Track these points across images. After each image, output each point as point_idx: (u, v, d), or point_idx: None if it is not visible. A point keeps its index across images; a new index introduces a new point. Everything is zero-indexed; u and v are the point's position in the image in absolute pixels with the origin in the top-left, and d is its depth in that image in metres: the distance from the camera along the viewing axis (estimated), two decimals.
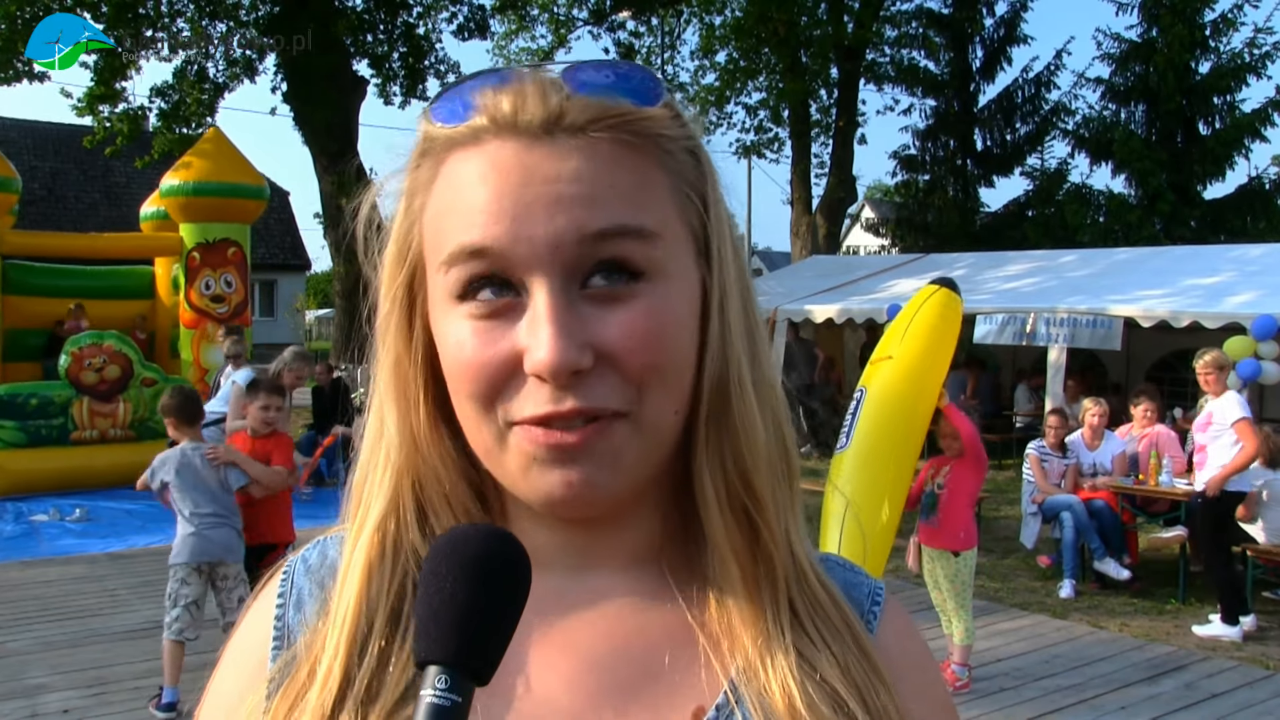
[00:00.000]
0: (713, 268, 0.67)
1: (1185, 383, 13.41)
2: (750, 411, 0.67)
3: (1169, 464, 7.45)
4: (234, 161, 12.70)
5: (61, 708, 5.02)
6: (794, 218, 20.60)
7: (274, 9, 15.96)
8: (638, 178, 0.63)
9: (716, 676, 0.66)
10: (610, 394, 0.61)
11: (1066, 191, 20.38)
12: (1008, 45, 21.67)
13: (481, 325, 0.62)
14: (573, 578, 0.69)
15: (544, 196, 0.61)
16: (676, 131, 0.66)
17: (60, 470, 10.30)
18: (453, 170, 0.64)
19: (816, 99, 21.15)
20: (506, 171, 0.62)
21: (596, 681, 0.66)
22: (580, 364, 0.60)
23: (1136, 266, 12.49)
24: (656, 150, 0.65)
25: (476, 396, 0.63)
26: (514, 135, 0.63)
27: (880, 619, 0.73)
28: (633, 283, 0.62)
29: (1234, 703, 5.28)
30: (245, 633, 0.73)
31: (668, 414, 0.64)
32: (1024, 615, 6.77)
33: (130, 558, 8.09)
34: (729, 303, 0.67)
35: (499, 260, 0.61)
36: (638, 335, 0.61)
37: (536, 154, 0.62)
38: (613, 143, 0.63)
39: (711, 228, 0.67)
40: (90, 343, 10.75)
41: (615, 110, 0.63)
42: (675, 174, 0.66)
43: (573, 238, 0.60)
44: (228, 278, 12.37)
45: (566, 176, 0.61)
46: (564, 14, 21.00)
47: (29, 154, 27.00)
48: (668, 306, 0.63)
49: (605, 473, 0.62)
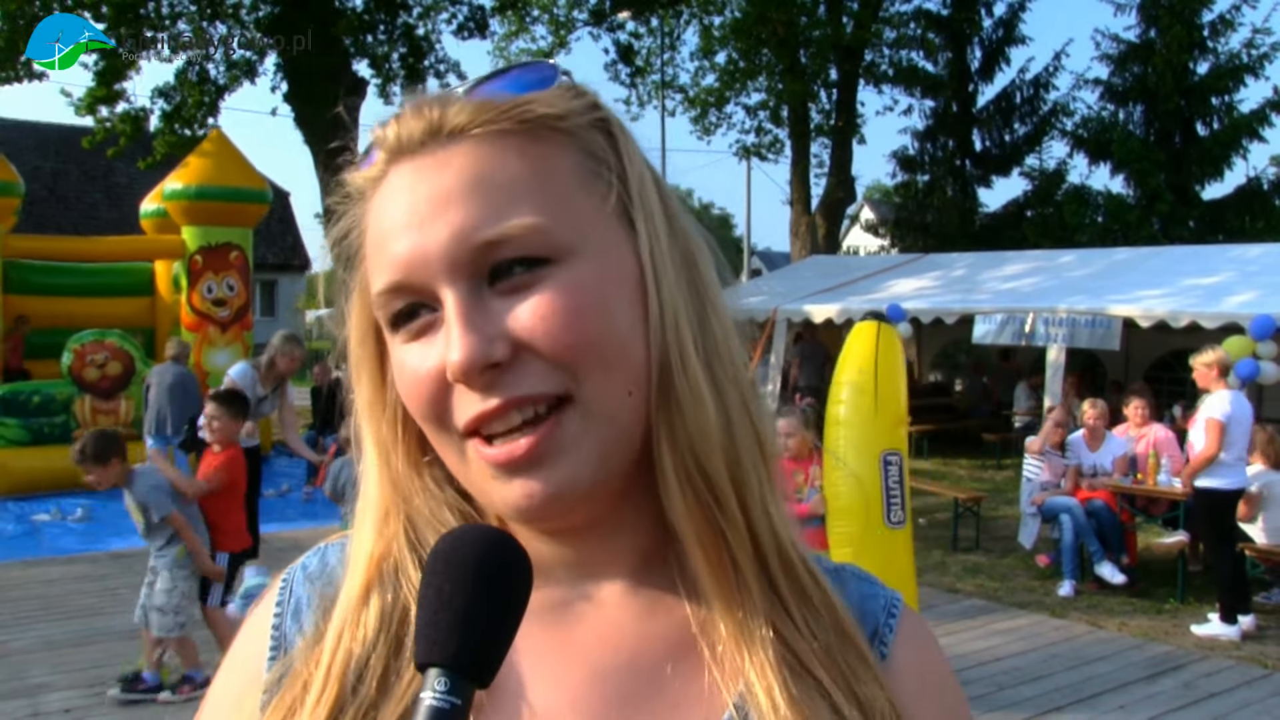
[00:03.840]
0: (640, 235, 0.64)
1: (1184, 383, 13.43)
2: (696, 386, 0.63)
3: (1167, 464, 7.46)
4: (236, 165, 12.70)
5: (63, 707, 5.04)
6: (794, 218, 20.61)
7: (274, 10, 15.94)
8: (527, 166, 0.62)
9: (719, 688, 0.64)
10: (538, 380, 0.60)
11: (1065, 192, 20.40)
12: (1006, 46, 21.69)
13: (414, 347, 0.63)
14: (575, 587, 0.68)
15: (430, 211, 0.61)
16: (574, 107, 0.65)
17: (62, 469, 10.28)
18: (374, 208, 0.65)
19: (816, 100, 21.14)
20: (402, 191, 0.62)
21: (601, 695, 0.65)
22: (491, 355, 0.59)
23: (1135, 266, 12.52)
24: (550, 133, 0.63)
25: (426, 417, 0.63)
26: (403, 157, 0.63)
27: (896, 632, 0.71)
28: (539, 268, 0.60)
29: (1232, 702, 5.29)
30: (244, 639, 0.73)
31: (618, 395, 0.62)
32: (1022, 615, 6.79)
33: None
34: (662, 274, 0.64)
35: (409, 289, 0.62)
36: (551, 316, 0.60)
37: (424, 167, 0.62)
38: (496, 135, 0.62)
39: (633, 201, 0.65)
40: (93, 339, 10.76)
41: (493, 104, 0.62)
42: (577, 151, 0.64)
43: (464, 249, 0.60)
44: (230, 281, 12.38)
45: (449, 184, 0.61)
46: (564, 15, 21.01)
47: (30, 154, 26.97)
48: (581, 284, 0.61)
49: (566, 470, 0.61)
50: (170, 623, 5.06)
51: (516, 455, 0.60)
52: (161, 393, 9.00)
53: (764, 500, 0.66)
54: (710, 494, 0.64)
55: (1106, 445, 7.78)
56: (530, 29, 21.31)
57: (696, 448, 0.63)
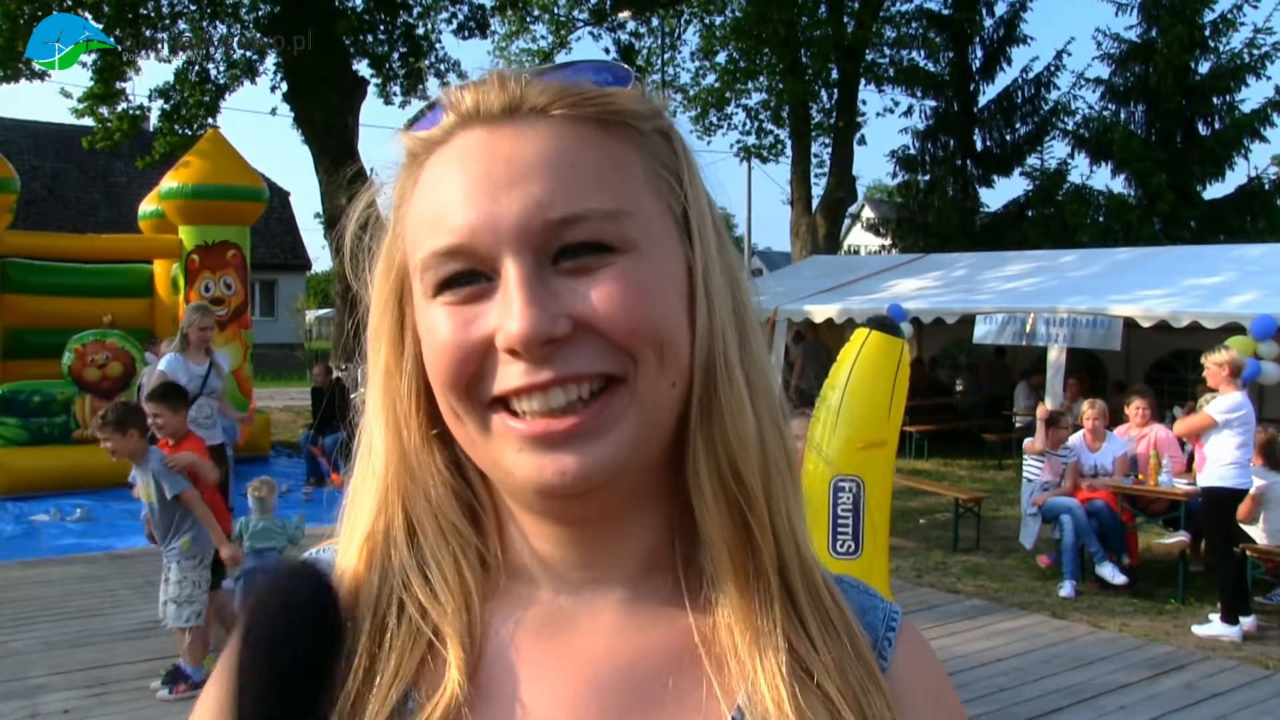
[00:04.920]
0: (695, 245, 0.66)
1: (1185, 383, 13.44)
2: (739, 395, 0.65)
3: (1168, 464, 7.45)
4: (233, 163, 12.69)
5: (62, 708, 5.02)
6: (794, 218, 20.60)
7: (274, 9, 15.93)
8: (605, 156, 0.63)
9: (719, 700, 0.64)
10: (596, 358, 0.60)
11: (1066, 191, 20.39)
12: (1007, 45, 21.69)
13: (456, 310, 0.62)
14: (575, 594, 0.68)
15: (508, 180, 0.61)
16: (645, 110, 0.66)
17: (62, 469, 10.29)
18: (429, 171, 0.65)
19: (816, 99, 21.14)
20: (473, 157, 0.62)
21: (600, 705, 0.65)
22: (554, 331, 0.59)
23: (1137, 266, 12.50)
24: (625, 129, 0.64)
25: (453, 383, 0.62)
26: (478, 123, 0.63)
27: (896, 645, 0.71)
28: (605, 254, 0.61)
29: (1233, 702, 5.28)
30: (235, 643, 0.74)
31: (665, 386, 0.62)
32: (1023, 615, 6.77)
33: (131, 557, 8.08)
34: (712, 281, 0.66)
35: (469, 254, 0.61)
36: (615, 300, 0.60)
37: (500, 136, 0.62)
38: (577, 121, 0.63)
39: (690, 209, 0.66)
40: (94, 339, 10.75)
41: (576, 89, 0.63)
42: (648, 154, 0.65)
43: (538, 222, 0.60)
44: (227, 280, 12.36)
45: (529, 157, 0.61)
46: (564, 14, 21.01)
47: (29, 154, 26.99)
48: (644, 275, 0.61)
49: (604, 450, 0.61)
50: (185, 613, 5.09)
51: (555, 430, 0.60)
52: None
53: (790, 514, 0.67)
54: (745, 502, 0.65)
55: (1107, 445, 7.76)
56: (530, 28, 21.34)
57: (735, 456, 0.64)
